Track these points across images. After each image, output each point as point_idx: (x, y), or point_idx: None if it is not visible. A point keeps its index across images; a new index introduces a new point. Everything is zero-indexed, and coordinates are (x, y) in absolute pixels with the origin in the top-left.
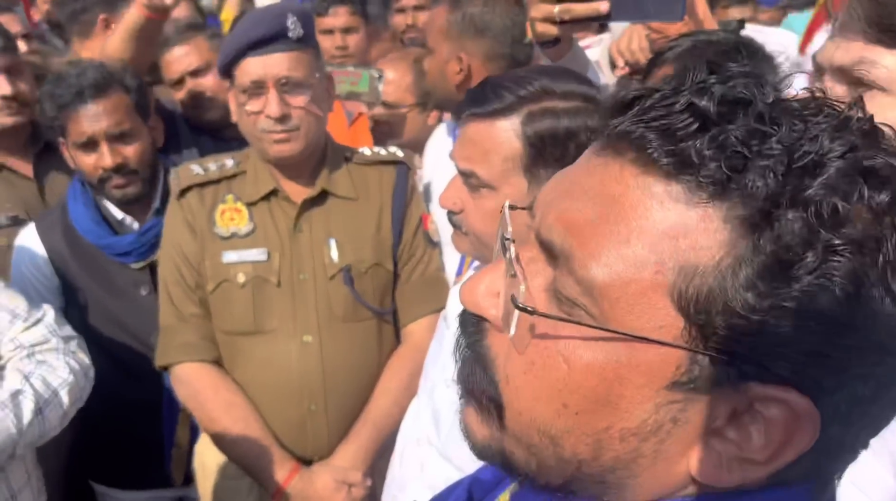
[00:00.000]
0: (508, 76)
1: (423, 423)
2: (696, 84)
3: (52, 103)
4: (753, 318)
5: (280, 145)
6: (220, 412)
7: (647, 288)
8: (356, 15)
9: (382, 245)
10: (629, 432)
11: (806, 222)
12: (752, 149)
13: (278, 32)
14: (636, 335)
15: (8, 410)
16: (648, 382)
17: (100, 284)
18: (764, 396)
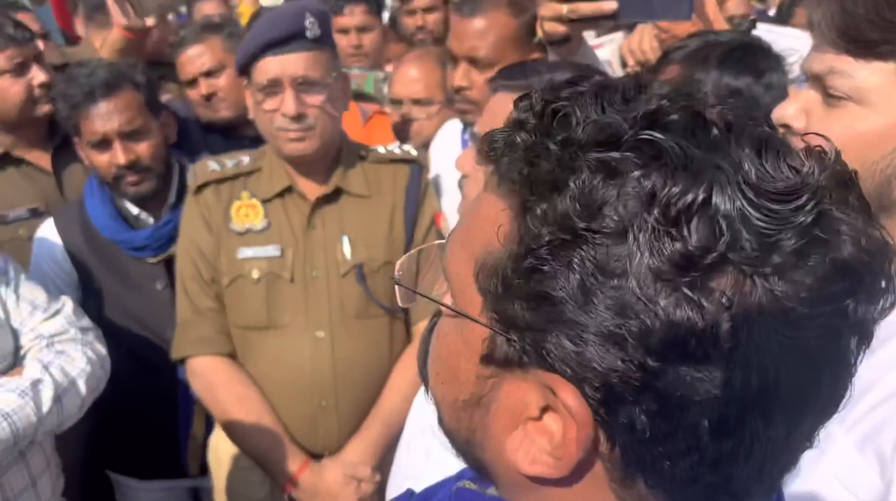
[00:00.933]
0: (542, 62)
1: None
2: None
3: (65, 103)
4: (519, 302)
5: (295, 143)
6: (233, 405)
7: (465, 269)
8: (371, 14)
9: (395, 243)
10: (466, 403)
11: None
12: (534, 146)
13: (296, 32)
14: (452, 308)
15: (28, 397)
16: (470, 355)
17: (116, 278)
18: (544, 383)
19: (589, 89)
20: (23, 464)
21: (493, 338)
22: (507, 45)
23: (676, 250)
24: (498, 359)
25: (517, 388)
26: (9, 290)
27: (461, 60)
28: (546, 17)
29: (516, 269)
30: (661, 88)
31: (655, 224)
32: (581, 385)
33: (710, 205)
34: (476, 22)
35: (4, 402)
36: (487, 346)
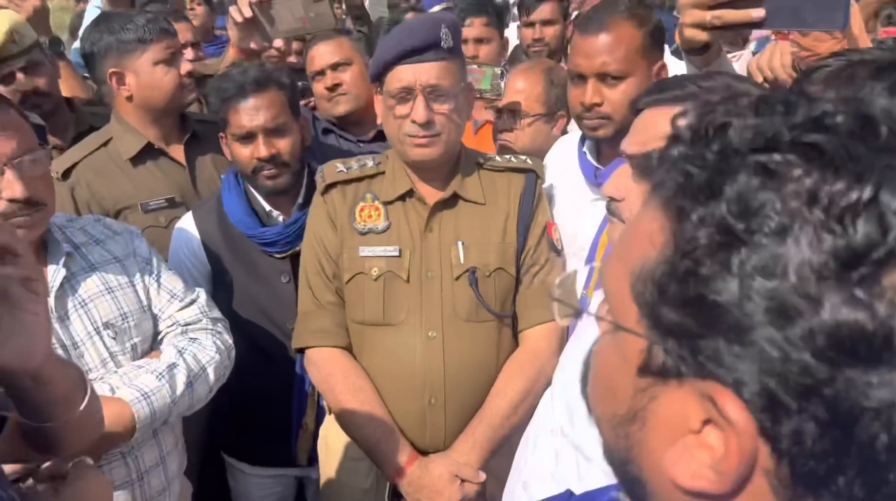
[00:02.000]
0: (692, 75)
1: (558, 414)
2: None
3: (217, 97)
4: (676, 309)
5: (422, 149)
6: (347, 396)
7: (621, 283)
8: (491, 27)
9: (507, 250)
10: (623, 418)
11: (711, 214)
12: (690, 156)
13: (432, 42)
14: (611, 321)
15: (164, 380)
16: (627, 368)
17: (246, 270)
18: (702, 393)
19: (748, 102)
20: (154, 442)
21: (650, 348)
22: (635, 57)
23: (840, 247)
24: (654, 369)
25: (675, 400)
26: (151, 278)
27: (590, 78)
28: (687, 23)
29: (672, 274)
30: (827, 95)
31: (818, 222)
32: (742, 392)
33: (878, 202)
34: (602, 38)
35: (144, 382)
36: (644, 357)
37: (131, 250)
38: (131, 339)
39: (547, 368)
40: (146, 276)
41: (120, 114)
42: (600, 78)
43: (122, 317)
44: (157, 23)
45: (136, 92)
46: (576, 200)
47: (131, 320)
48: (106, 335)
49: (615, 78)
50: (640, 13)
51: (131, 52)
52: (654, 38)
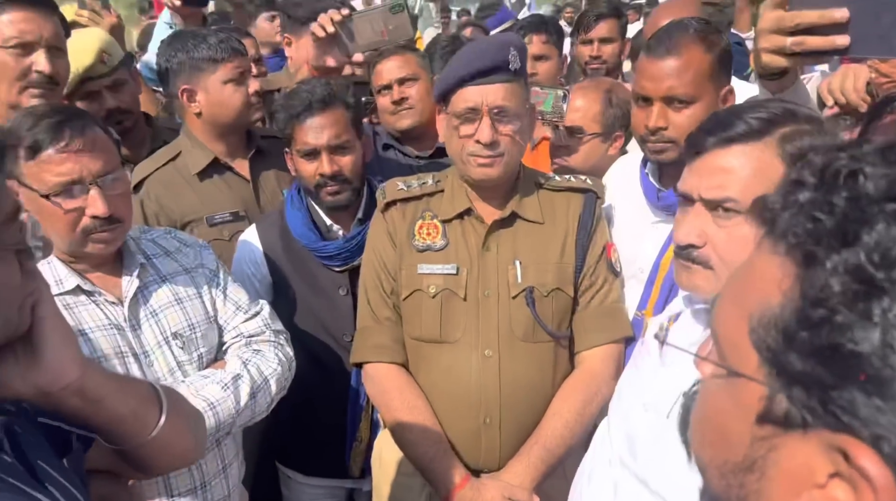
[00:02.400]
0: (743, 106)
1: (617, 445)
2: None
3: (285, 114)
4: (805, 357)
5: (484, 169)
6: (403, 413)
7: (737, 328)
8: (550, 44)
9: (565, 271)
10: (737, 466)
11: (846, 262)
12: (818, 202)
13: (500, 64)
14: (730, 368)
15: (230, 391)
16: (744, 415)
17: (306, 283)
18: (831, 445)
19: (873, 149)
20: (217, 451)
21: (772, 396)
22: (703, 82)
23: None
24: (776, 418)
25: (799, 451)
26: (218, 290)
27: (656, 101)
28: (766, 48)
29: (802, 321)
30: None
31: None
32: (881, 447)
33: None
34: (670, 62)
35: (210, 393)
36: (765, 405)
37: (200, 262)
38: (198, 349)
39: (604, 391)
40: (213, 288)
41: (189, 129)
42: (666, 101)
43: (190, 327)
44: (229, 42)
45: (206, 109)
46: (636, 221)
47: (198, 330)
48: (174, 345)
49: (681, 102)
50: (709, 36)
51: (203, 70)
52: (722, 62)
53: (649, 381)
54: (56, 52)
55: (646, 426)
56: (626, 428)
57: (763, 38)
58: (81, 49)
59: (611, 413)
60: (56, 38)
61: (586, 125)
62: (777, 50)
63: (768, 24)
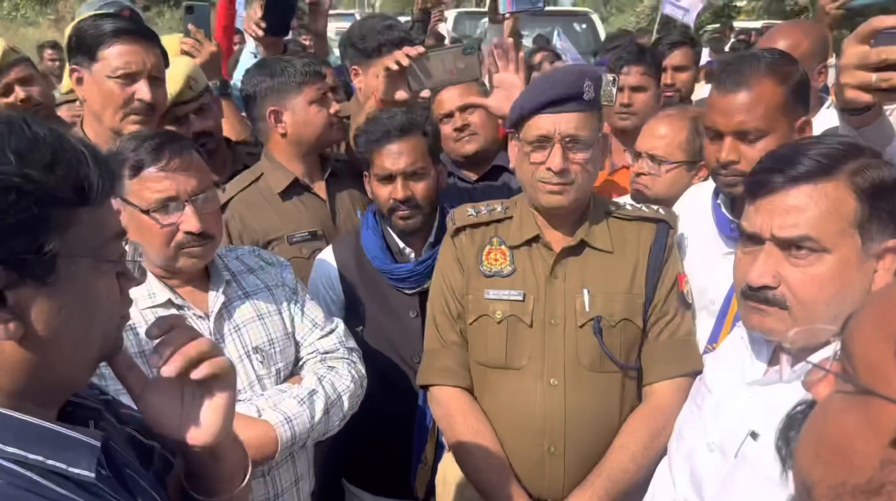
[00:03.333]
0: (804, 144)
1: (680, 486)
2: None
3: (365, 139)
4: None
5: (554, 196)
6: (468, 437)
7: (881, 350)
8: (648, 76)
9: (634, 301)
10: (859, 488)
11: None
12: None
13: (574, 94)
14: (868, 389)
15: (305, 406)
16: (875, 438)
17: (377, 303)
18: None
19: None
20: (291, 463)
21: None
22: (776, 115)
23: None
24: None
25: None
26: (296, 307)
27: (727, 135)
28: (850, 84)
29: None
30: None
31: None
32: None
33: None
34: (742, 96)
35: (288, 407)
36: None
37: (280, 279)
38: (276, 364)
39: (671, 424)
40: (292, 305)
41: (271, 152)
42: (738, 136)
43: (269, 343)
44: (312, 66)
45: (291, 129)
46: (708, 252)
47: (277, 346)
48: (255, 359)
49: (754, 136)
50: (782, 68)
51: (289, 92)
52: (796, 94)
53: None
54: (156, 82)
55: (712, 466)
56: (689, 468)
57: (847, 74)
58: (171, 76)
59: (671, 453)
60: (157, 68)
61: (671, 153)
62: (862, 86)
63: (853, 60)
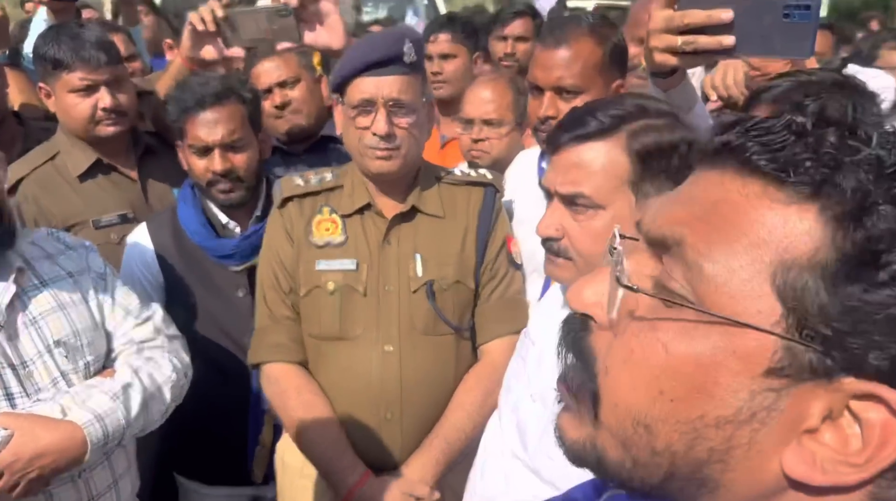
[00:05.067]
0: (598, 102)
1: (508, 437)
2: (793, 105)
3: (176, 107)
4: (846, 309)
5: (381, 162)
6: (301, 412)
7: (751, 277)
8: (456, 42)
9: (465, 264)
10: (724, 419)
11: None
12: (845, 153)
13: (394, 56)
14: (737, 320)
15: (119, 401)
16: (745, 368)
17: (201, 283)
18: (858, 392)
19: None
20: (107, 464)
21: (792, 348)
22: (593, 74)
23: None
24: (793, 371)
25: (804, 399)
26: (106, 295)
27: (547, 90)
28: (658, 47)
29: (852, 274)
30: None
31: None
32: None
33: None
34: (562, 52)
35: (98, 403)
36: (780, 357)
37: (85, 265)
38: (84, 357)
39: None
40: (100, 292)
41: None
42: (557, 91)
43: (74, 335)
44: (81, 50)
45: (57, 113)
46: (536, 216)
47: (84, 337)
48: (57, 354)
49: (570, 92)
50: (602, 30)
51: (50, 73)
52: (614, 56)
53: (535, 372)
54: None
55: (534, 416)
56: (515, 420)
57: (654, 38)
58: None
59: (501, 405)
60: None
61: (504, 116)
62: (668, 49)
63: (659, 24)
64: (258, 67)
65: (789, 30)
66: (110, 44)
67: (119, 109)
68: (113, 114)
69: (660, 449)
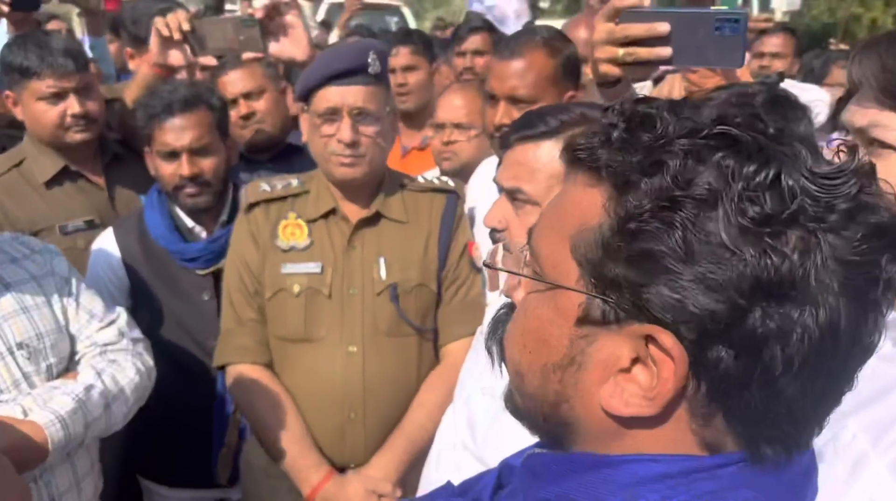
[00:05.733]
0: (551, 107)
1: (459, 429)
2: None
3: (144, 113)
4: (621, 263)
5: (346, 168)
6: (265, 413)
7: (561, 248)
8: (417, 55)
9: (428, 267)
10: (556, 365)
11: (655, 184)
12: (628, 143)
13: (359, 67)
14: (553, 283)
15: (81, 402)
16: (564, 321)
17: (167, 286)
18: (641, 333)
19: (663, 103)
20: (69, 465)
21: (590, 301)
22: (545, 84)
23: (757, 212)
24: (594, 319)
25: (610, 343)
26: (70, 298)
27: (501, 99)
28: (601, 59)
29: (619, 233)
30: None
31: (739, 193)
32: (678, 329)
33: (780, 180)
34: (515, 63)
35: (60, 404)
36: (584, 309)
37: (49, 268)
38: (46, 359)
39: None
40: (64, 296)
41: (33, 135)
42: (511, 101)
43: (37, 337)
44: (49, 57)
45: (25, 121)
46: None
47: (47, 340)
48: (20, 356)
49: (524, 102)
50: (555, 43)
51: (18, 81)
52: (566, 68)
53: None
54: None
55: (483, 409)
56: (467, 413)
57: (598, 49)
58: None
59: (455, 399)
60: None
61: (473, 121)
62: (611, 60)
63: (602, 36)
64: (224, 78)
65: (721, 42)
66: (78, 51)
67: (88, 115)
68: (82, 120)
69: (531, 392)
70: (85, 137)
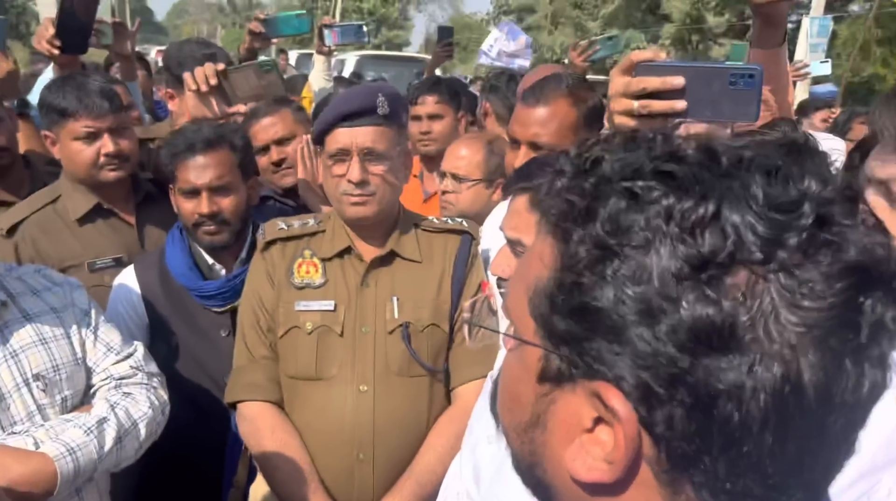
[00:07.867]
0: (553, 156)
1: (465, 477)
2: None
3: (168, 151)
4: (565, 318)
5: (356, 207)
6: (274, 451)
7: (521, 302)
8: (443, 104)
9: (441, 307)
10: (527, 424)
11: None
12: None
13: (368, 108)
14: (516, 337)
15: (93, 435)
16: (528, 376)
17: (185, 323)
18: (591, 392)
19: (620, 139)
20: (77, 500)
21: (546, 356)
22: (566, 133)
23: (692, 254)
24: (551, 375)
25: (570, 402)
26: (88, 331)
27: (523, 145)
28: (617, 111)
29: (560, 287)
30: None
31: (674, 235)
32: (622, 386)
33: (720, 217)
34: (539, 110)
35: (71, 437)
36: (542, 365)
37: (70, 301)
38: (62, 392)
39: None
40: (83, 328)
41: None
42: (532, 147)
43: (54, 369)
44: (86, 99)
45: (62, 160)
46: None
47: (63, 372)
48: (35, 387)
49: (544, 149)
50: (579, 92)
51: (56, 121)
52: (589, 117)
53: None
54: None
55: (489, 457)
56: (473, 461)
57: (614, 102)
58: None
59: (463, 446)
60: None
61: (471, 172)
62: (626, 112)
63: (618, 89)
64: (255, 126)
65: (736, 96)
66: (113, 92)
67: (121, 154)
68: (115, 159)
69: (515, 452)
70: (118, 175)
